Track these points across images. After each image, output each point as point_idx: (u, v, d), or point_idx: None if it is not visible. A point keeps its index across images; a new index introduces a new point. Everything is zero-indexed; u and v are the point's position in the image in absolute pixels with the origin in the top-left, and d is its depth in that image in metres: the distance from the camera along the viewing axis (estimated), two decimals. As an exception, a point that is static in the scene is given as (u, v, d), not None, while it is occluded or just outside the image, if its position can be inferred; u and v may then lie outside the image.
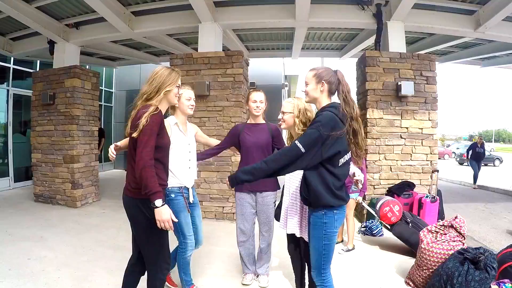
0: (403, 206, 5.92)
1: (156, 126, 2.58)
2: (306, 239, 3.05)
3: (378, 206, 5.63)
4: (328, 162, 2.54)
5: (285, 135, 3.86)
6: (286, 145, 3.42)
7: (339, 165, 2.59)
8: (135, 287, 2.99)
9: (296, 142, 2.47)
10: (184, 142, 3.45)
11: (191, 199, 3.54)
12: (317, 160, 2.50)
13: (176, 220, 2.60)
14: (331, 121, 2.49)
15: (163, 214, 2.46)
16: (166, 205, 2.49)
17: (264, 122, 4.02)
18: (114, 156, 2.92)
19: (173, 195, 3.31)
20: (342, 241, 5.64)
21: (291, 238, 3.43)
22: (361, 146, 2.67)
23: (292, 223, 3.26)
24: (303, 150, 2.44)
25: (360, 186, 2.85)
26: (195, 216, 3.65)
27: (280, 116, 3.37)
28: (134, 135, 2.52)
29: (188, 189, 3.50)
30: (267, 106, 3.94)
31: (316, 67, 2.78)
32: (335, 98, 2.72)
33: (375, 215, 5.61)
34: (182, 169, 3.41)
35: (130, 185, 2.67)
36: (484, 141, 13.38)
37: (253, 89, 3.97)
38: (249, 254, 4.06)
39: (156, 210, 2.46)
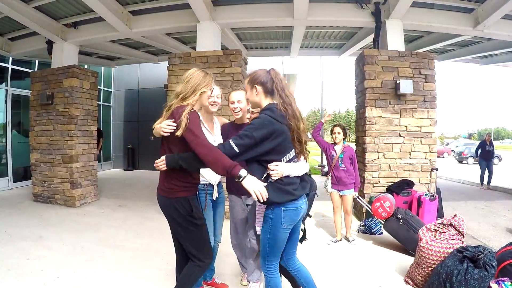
0: (402, 205, 5.94)
1: (199, 121, 2.68)
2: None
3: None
4: (268, 159, 2.63)
5: None
6: None
7: (286, 161, 2.68)
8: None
9: (231, 142, 2.53)
10: (210, 139, 3.41)
11: (215, 196, 3.58)
12: (253, 158, 2.60)
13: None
14: (263, 125, 2.55)
15: (252, 183, 2.46)
16: (250, 175, 2.50)
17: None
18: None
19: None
20: (341, 239, 5.65)
21: None
22: (301, 141, 2.76)
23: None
24: (237, 150, 2.52)
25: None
26: (216, 213, 3.68)
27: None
28: (178, 133, 2.57)
29: (213, 186, 3.54)
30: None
31: (250, 72, 2.85)
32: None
33: (368, 209, 5.72)
34: None
35: (164, 185, 2.80)
36: (492, 139, 13.20)
37: (234, 89, 3.95)
38: (246, 255, 3.96)
39: (244, 182, 2.46)
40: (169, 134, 2.66)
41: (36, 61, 11.28)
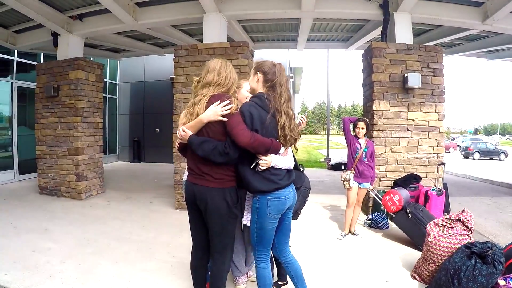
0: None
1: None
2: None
3: (381, 194, 5.70)
4: None
5: None
6: None
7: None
8: (207, 278, 3.11)
9: None
10: None
11: None
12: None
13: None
14: (247, 112, 2.68)
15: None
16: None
17: None
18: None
19: None
20: (348, 233, 5.63)
21: None
22: (286, 136, 2.81)
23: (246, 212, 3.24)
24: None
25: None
26: None
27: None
28: (230, 111, 2.65)
29: None
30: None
31: (258, 60, 2.96)
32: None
33: (379, 201, 5.70)
34: None
35: (212, 177, 2.75)
36: None
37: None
38: (238, 254, 3.73)
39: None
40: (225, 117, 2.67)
41: (42, 54, 11.25)
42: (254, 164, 2.72)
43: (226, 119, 2.63)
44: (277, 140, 2.77)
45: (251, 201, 2.99)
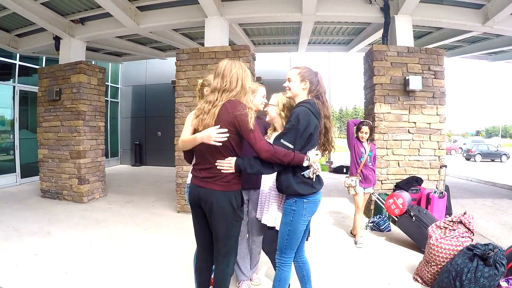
0: (410, 202, 5.89)
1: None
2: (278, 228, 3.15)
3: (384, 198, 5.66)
4: (303, 152, 2.82)
5: None
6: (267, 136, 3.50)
7: None
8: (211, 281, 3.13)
9: (283, 141, 2.74)
10: None
11: None
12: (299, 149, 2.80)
13: None
14: (306, 116, 2.78)
15: (314, 154, 2.86)
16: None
17: None
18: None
19: None
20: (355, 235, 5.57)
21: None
22: (331, 142, 3.06)
23: (269, 214, 3.28)
24: (291, 146, 2.73)
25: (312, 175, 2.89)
26: None
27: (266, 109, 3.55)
28: (248, 127, 2.64)
29: None
30: None
31: (299, 66, 3.06)
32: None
33: (381, 205, 5.66)
34: None
35: (219, 180, 2.74)
36: None
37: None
38: (243, 257, 3.81)
39: (311, 158, 2.80)
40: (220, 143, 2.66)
41: (44, 58, 11.29)
42: (308, 171, 2.83)
43: (219, 144, 2.64)
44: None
45: (276, 204, 3.19)
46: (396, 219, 5.40)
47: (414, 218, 5.05)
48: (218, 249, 2.87)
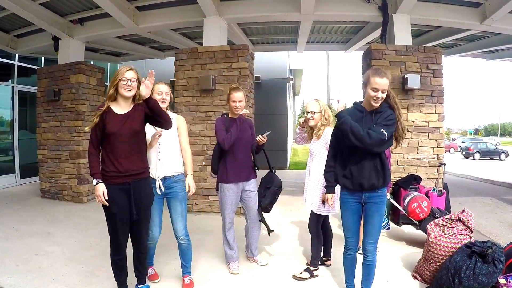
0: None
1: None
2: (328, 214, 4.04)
3: (406, 202, 5.53)
4: None
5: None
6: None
7: None
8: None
9: (383, 130, 2.97)
10: (150, 133, 3.56)
11: (158, 191, 3.60)
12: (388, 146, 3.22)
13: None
14: (393, 116, 3.11)
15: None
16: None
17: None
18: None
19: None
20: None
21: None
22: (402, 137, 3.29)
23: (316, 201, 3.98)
24: (386, 137, 2.97)
25: None
26: (170, 208, 3.76)
27: (309, 116, 4.01)
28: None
29: (155, 180, 3.59)
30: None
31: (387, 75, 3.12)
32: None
33: (403, 211, 5.53)
34: (151, 160, 3.60)
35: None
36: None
37: (233, 88, 4.16)
38: (234, 239, 4.34)
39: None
40: None
41: (42, 58, 11.29)
42: None
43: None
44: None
45: (320, 193, 3.86)
46: (418, 223, 5.18)
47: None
48: (142, 236, 3.44)
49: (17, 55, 10.32)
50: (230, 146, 3.98)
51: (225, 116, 4.26)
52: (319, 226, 4.12)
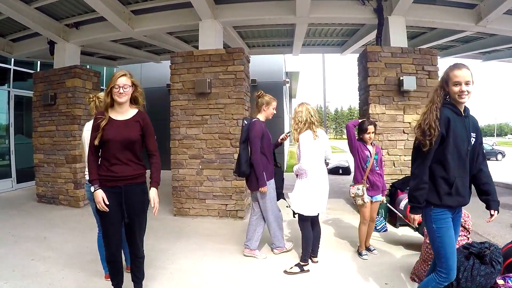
0: (407, 202, 5.88)
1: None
2: None
3: (402, 206, 5.52)
4: None
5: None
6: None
7: None
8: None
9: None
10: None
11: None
12: None
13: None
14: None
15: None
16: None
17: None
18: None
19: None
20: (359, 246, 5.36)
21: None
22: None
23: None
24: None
25: None
26: None
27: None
28: None
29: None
30: None
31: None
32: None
33: (401, 216, 5.51)
34: None
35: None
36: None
37: (273, 98, 5.07)
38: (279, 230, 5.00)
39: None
40: None
41: (38, 62, 11.27)
42: None
43: None
44: None
45: None
46: (417, 227, 5.00)
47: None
48: (139, 242, 3.38)
49: (12, 59, 10.29)
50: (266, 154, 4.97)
51: (258, 120, 5.04)
52: (305, 224, 4.46)
